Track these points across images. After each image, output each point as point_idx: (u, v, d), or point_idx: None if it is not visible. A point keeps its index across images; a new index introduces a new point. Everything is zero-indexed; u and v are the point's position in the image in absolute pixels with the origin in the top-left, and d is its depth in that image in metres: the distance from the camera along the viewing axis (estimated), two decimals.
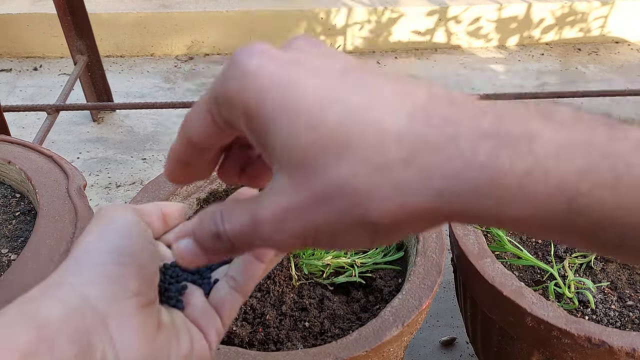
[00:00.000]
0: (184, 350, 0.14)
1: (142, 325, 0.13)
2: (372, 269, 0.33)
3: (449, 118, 0.09)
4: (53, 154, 0.39)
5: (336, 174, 0.09)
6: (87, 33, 0.66)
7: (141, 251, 0.13)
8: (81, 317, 0.12)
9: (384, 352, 0.27)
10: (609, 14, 0.95)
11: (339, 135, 0.09)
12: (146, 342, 0.13)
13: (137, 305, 0.13)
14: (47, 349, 0.11)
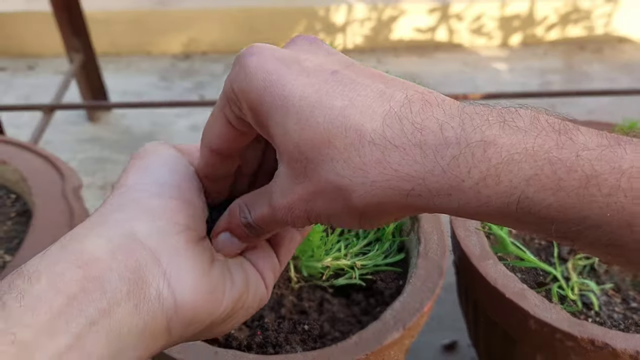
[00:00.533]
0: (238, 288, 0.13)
1: (195, 260, 0.12)
2: (373, 271, 0.32)
3: (418, 125, 0.11)
4: (48, 154, 0.38)
5: (325, 173, 0.11)
6: (83, 31, 0.66)
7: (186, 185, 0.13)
8: (130, 253, 0.12)
9: (384, 355, 0.26)
10: (613, 12, 0.94)
11: (324, 138, 0.11)
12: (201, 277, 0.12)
13: (187, 240, 0.13)
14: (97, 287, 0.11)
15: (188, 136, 0.71)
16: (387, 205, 0.11)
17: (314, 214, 0.12)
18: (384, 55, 0.92)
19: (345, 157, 0.11)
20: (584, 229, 0.10)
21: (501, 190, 0.10)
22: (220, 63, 0.88)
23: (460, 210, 0.11)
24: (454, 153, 0.10)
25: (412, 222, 0.33)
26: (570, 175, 0.10)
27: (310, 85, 0.11)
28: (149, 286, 0.11)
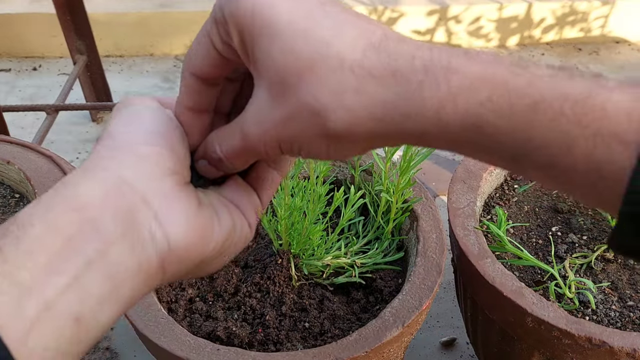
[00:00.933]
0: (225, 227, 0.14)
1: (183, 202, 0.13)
2: (372, 269, 0.33)
3: (393, 55, 0.11)
4: (52, 154, 0.39)
5: (303, 96, 0.12)
6: (87, 33, 0.66)
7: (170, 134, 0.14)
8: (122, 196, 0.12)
9: (384, 352, 0.27)
10: (609, 14, 0.95)
11: (307, 65, 0.12)
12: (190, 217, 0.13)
13: (175, 183, 0.13)
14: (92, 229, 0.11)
15: None
16: (359, 131, 0.12)
17: (286, 141, 0.13)
18: None
19: (325, 83, 0.12)
20: (529, 151, 0.11)
21: (458, 113, 0.11)
22: None
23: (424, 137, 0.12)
24: (420, 79, 0.11)
25: (411, 222, 0.34)
26: (521, 100, 0.10)
27: (298, 11, 0.12)
28: (142, 227, 0.12)
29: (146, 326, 0.26)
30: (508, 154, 0.11)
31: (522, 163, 0.11)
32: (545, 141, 0.11)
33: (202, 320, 0.30)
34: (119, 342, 0.46)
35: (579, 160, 0.11)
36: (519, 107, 0.11)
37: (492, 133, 0.11)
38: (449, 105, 0.11)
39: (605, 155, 0.10)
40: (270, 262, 0.32)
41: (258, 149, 0.13)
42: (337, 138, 0.12)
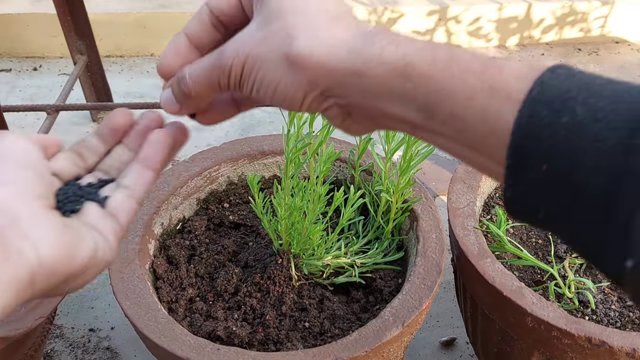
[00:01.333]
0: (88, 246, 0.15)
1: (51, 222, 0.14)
2: (372, 269, 0.33)
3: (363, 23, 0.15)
4: None
5: (285, 23, 0.14)
6: (87, 33, 0.66)
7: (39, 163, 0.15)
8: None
9: (384, 352, 0.27)
10: (609, 14, 0.95)
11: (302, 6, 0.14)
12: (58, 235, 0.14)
13: (43, 206, 0.15)
14: None
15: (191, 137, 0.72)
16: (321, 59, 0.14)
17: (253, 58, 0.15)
18: None
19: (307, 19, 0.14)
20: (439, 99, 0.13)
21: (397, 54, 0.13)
22: None
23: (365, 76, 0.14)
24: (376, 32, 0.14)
25: (411, 221, 0.34)
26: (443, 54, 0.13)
27: None
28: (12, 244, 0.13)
29: (146, 326, 0.27)
30: (422, 102, 0.13)
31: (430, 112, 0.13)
32: (453, 90, 0.13)
33: (202, 320, 0.30)
34: (119, 342, 0.46)
35: (477, 112, 0.12)
36: (440, 58, 0.13)
37: (415, 76, 0.13)
38: (391, 47, 0.13)
39: (496, 109, 0.12)
40: (270, 262, 0.32)
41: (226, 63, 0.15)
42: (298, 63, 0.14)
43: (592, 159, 0.11)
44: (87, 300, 0.50)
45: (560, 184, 0.11)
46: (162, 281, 0.32)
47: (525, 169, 0.12)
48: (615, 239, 0.11)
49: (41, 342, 0.33)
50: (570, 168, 0.11)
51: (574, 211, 0.11)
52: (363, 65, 0.13)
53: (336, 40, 0.14)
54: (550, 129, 0.11)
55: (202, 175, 0.37)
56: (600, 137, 0.11)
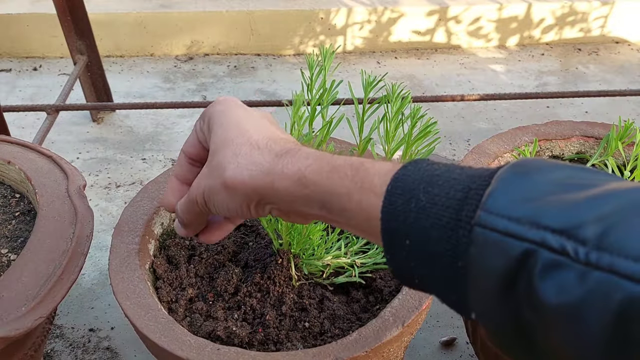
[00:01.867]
0: None
1: None
2: (372, 269, 0.33)
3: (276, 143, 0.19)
4: (53, 154, 0.39)
5: (219, 157, 0.19)
6: (87, 33, 0.66)
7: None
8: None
9: (384, 352, 0.27)
10: (609, 14, 0.95)
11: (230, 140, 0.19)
12: None
13: None
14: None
15: None
16: (242, 184, 0.18)
17: (206, 191, 0.20)
18: (383, 57, 0.93)
19: (232, 149, 0.19)
20: (330, 199, 0.17)
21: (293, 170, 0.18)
22: (223, 65, 0.89)
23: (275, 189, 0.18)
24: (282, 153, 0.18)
25: None
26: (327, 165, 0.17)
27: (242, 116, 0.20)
28: None
29: (146, 326, 0.27)
30: (320, 201, 0.17)
31: (327, 209, 0.17)
32: (337, 192, 0.17)
33: (202, 320, 0.30)
34: (119, 342, 0.46)
35: (356, 206, 0.16)
36: (325, 169, 0.17)
37: (309, 185, 0.17)
38: (288, 165, 0.18)
39: (368, 202, 0.16)
40: (270, 262, 0.32)
41: (193, 197, 0.20)
42: (229, 186, 0.18)
43: (436, 234, 0.14)
44: (87, 300, 0.50)
45: (422, 255, 0.15)
46: (162, 281, 0.32)
47: (395, 245, 0.15)
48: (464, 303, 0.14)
49: (41, 342, 0.33)
50: (424, 242, 0.14)
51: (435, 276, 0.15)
52: (274, 182, 0.18)
53: (254, 165, 0.18)
54: (405, 213, 0.15)
55: None
56: (437, 216, 0.14)
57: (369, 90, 0.30)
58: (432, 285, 0.15)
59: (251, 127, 0.19)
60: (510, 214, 0.13)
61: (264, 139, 0.19)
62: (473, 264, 0.13)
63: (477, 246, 0.13)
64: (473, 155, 0.39)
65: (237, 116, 0.20)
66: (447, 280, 0.14)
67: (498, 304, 0.13)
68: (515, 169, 0.14)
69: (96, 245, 0.55)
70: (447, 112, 0.78)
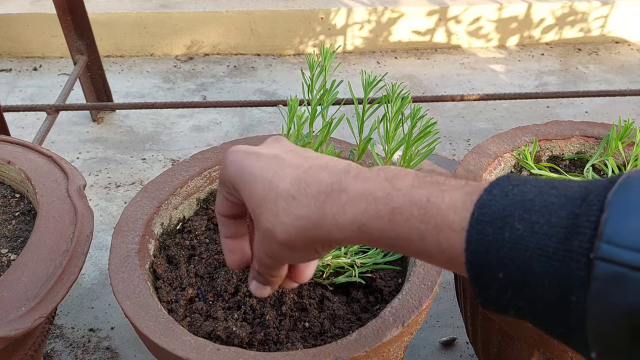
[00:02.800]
0: None
1: None
2: (372, 269, 0.33)
3: (309, 183, 0.17)
4: (53, 154, 0.39)
5: (262, 222, 0.18)
6: (87, 33, 0.66)
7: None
8: None
9: (384, 352, 0.27)
10: (609, 14, 0.95)
11: (261, 199, 0.18)
12: None
13: None
14: None
15: (191, 137, 0.72)
16: (297, 239, 0.17)
17: (268, 252, 0.19)
18: (383, 57, 0.93)
19: (269, 208, 0.18)
20: (400, 242, 0.15)
21: (347, 220, 0.16)
22: (223, 65, 0.89)
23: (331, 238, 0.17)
24: (323, 199, 0.17)
25: None
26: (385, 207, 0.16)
27: (259, 166, 0.19)
28: None
29: (146, 326, 0.27)
30: (389, 244, 0.16)
31: (400, 250, 0.16)
32: (406, 235, 0.15)
33: (202, 320, 0.30)
34: (119, 342, 0.46)
35: (433, 247, 0.15)
36: (384, 213, 0.15)
37: (371, 231, 0.16)
38: (340, 214, 0.16)
39: (447, 241, 0.15)
40: None
41: (265, 263, 0.20)
42: (287, 245, 0.18)
43: (539, 266, 0.13)
44: (87, 300, 0.49)
45: (519, 288, 0.13)
46: (162, 281, 0.32)
47: (486, 279, 0.14)
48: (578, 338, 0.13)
49: (41, 342, 0.33)
50: (522, 273, 0.13)
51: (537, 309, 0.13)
52: (330, 232, 0.17)
53: (298, 220, 0.17)
54: (497, 243, 0.13)
55: (202, 175, 0.37)
56: (540, 247, 0.13)
57: (369, 90, 0.30)
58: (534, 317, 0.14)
59: (274, 175, 0.18)
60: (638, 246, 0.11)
61: (293, 184, 0.17)
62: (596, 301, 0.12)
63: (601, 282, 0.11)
64: (473, 155, 0.39)
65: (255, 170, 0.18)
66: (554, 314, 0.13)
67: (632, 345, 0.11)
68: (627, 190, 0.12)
69: (96, 245, 0.55)
70: (447, 112, 0.78)
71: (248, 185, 0.18)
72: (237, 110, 0.76)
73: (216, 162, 0.38)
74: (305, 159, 0.18)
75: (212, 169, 0.38)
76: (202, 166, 0.37)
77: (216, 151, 0.39)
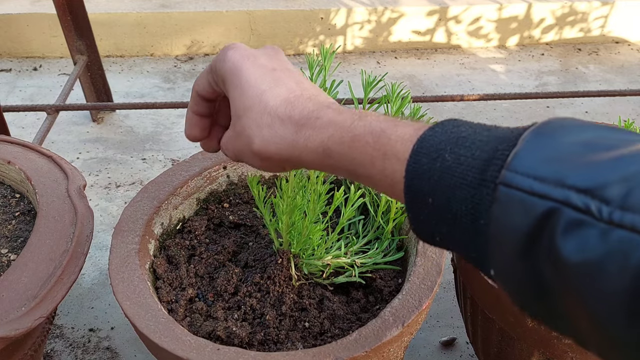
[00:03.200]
0: None
1: None
2: (372, 269, 0.33)
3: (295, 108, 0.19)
4: (53, 154, 0.39)
5: (242, 125, 0.20)
6: (87, 33, 0.66)
7: None
8: None
9: (384, 352, 0.27)
10: (609, 14, 0.95)
11: (248, 105, 0.19)
12: None
13: None
14: None
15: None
16: (270, 153, 0.19)
17: (236, 150, 0.21)
18: (383, 57, 0.93)
19: (253, 119, 0.19)
20: (355, 167, 0.17)
21: (316, 143, 0.18)
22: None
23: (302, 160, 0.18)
24: (302, 123, 0.18)
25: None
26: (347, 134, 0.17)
27: (254, 73, 0.20)
28: None
29: (146, 326, 0.27)
30: (346, 169, 0.18)
31: (354, 175, 0.18)
32: (360, 160, 0.17)
33: (202, 320, 0.30)
34: (119, 342, 0.46)
35: (379, 172, 0.17)
36: (346, 139, 0.17)
37: (334, 155, 0.18)
38: (312, 138, 0.18)
39: (392, 169, 0.16)
40: (270, 262, 0.32)
41: (226, 152, 0.22)
42: (259, 156, 0.19)
43: (459, 193, 0.14)
44: (87, 300, 0.49)
45: (444, 213, 0.15)
46: (162, 281, 0.32)
47: (418, 203, 0.15)
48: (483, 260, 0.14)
49: (41, 342, 0.33)
50: (447, 200, 0.15)
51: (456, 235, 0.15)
52: (300, 155, 0.18)
53: (278, 138, 0.19)
54: (430, 172, 0.15)
55: (202, 175, 0.37)
56: (462, 176, 0.14)
57: (369, 90, 0.30)
58: (453, 243, 0.15)
59: (268, 89, 0.19)
60: (535, 174, 0.13)
61: (282, 104, 0.19)
62: (495, 222, 0.13)
63: (500, 204, 0.13)
64: None
65: (251, 76, 0.19)
66: (468, 238, 0.14)
67: (519, 262, 0.13)
68: (542, 130, 0.14)
69: (96, 245, 0.55)
70: (447, 112, 0.78)
71: (239, 89, 0.19)
72: None
73: (216, 162, 0.38)
74: (298, 84, 0.20)
75: (212, 169, 0.38)
76: (202, 166, 0.37)
77: None
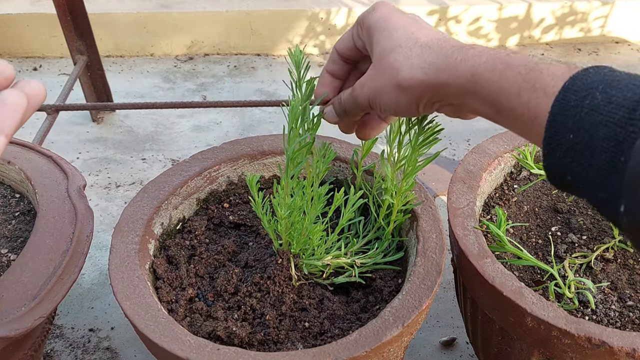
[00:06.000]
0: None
1: None
2: (372, 269, 0.33)
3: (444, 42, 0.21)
4: (52, 154, 0.39)
5: (389, 60, 0.21)
6: (87, 33, 0.66)
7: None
8: None
9: (383, 352, 0.27)
10: (609, 14, 0.95)
11: (397, 43, 0.21)
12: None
13: None
14: None
15: (191, 137, 0.72)
16: (415, 83, 0.20)
17: (374, 87, 0.22)
18: None
19: (403, 52, 0.21)
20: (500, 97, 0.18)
21: (466, 68, 0.19)
22: (223, 65, 0.89)
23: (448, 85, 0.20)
24: (453, 51, 0.20)
25: (411, 221, 0.34)
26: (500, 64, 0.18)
27: (402, 19, 0.22)
28: None
29: (146, 326, 0.27)
30: (489, 98, 0.19)
31: (494, 107, 0.19)
32: (507, 90, 0.18)
33: (202, 320, 0.30)
34: (119, 342, 0.46)
35: (522, 105, 0.17)
36: (499, 67, 0.18)
37: (481, 82, 0.19)
38: (462, 63, 0.19)
39: (536, 102, 0.17)
40: (270, 262, 0.32)
41: (358, 99, 0.23)
42: (403, 87, 0.21)
43: (603, 130, 0.15)
44: (87, 300, 0.49)
45: (582, 151, 0.15)
46: (162, 281, 0.32)
47: (557, 139, 0.16)
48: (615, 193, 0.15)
49: (41, 342, 0.33)
50: (589, 136, 0.15)
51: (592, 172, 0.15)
52: (448, 79, 0.20)
53: (427, 64, 0.20)
54: (576, 109, 0.16)
55: (202, 175, 0.37)
56: (610, 114, 0.15)
57: None
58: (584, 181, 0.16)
59: (417, 30, 0.21)
60: None
61: (433, 39, 0.20)
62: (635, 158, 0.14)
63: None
64: (473, 155, 0.39)
65: (399, 21, 0.22)
66: (602, 175, 0.15)
67: None
68: None
69: (96, 245, 0.55)
70: None
71: (387, 32, 0.21)
72: (237, 110, 0.76)
73: (216, 162, 0.38)
74: (439, 33, 0.22)
75: (212, 169, 0.38)
76: (202, 166, 0.37)
77: (216, 151, 0.38)
